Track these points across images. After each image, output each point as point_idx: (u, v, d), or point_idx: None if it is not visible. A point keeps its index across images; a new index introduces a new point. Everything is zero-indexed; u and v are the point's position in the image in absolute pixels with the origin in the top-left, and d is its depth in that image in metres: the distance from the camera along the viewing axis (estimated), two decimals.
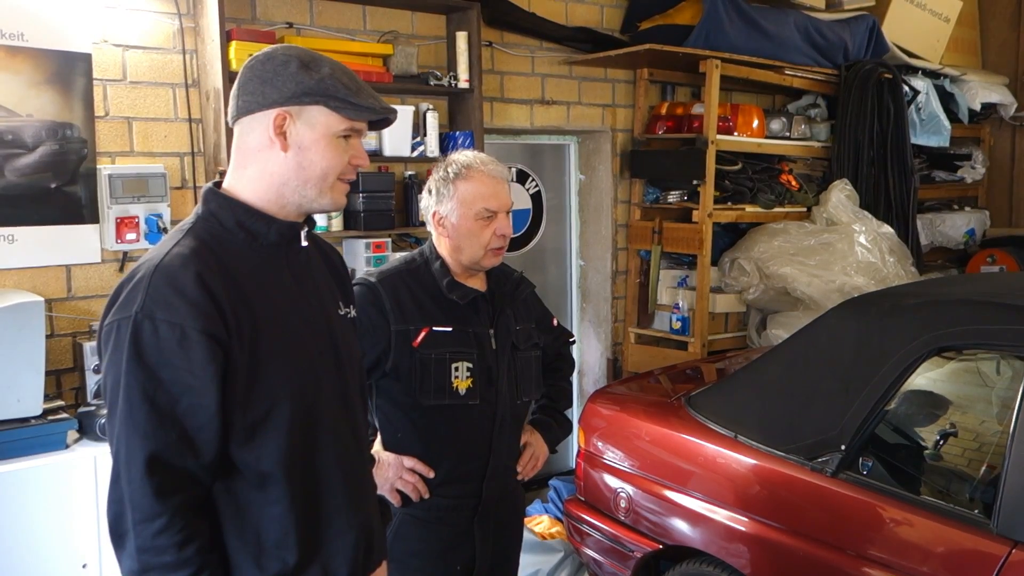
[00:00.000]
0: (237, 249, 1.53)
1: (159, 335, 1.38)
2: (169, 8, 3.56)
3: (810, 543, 2.42)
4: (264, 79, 1.53)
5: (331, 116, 1.54)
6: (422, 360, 2.17)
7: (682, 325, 4.94)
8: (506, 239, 2.24)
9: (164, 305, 1.39)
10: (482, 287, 2.30)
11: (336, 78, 1.55)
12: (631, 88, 5.15)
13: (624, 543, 2.98)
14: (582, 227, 5.32)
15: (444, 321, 2.21)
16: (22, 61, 3.20)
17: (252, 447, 1.47)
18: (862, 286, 4.59)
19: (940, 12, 6.01)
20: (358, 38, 4.05)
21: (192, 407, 1.40)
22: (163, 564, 1.38)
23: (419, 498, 2.22)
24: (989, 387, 2.81)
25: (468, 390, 2.19)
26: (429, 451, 2.22)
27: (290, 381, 1.51)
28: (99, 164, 3.40)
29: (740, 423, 2.77)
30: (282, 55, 1.55)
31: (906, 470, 2.54)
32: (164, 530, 1.37)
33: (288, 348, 1.52)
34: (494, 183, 2.22)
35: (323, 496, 1.57)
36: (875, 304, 2.78)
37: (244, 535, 1.49)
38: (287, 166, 1.54)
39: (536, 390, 2.41)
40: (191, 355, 1.39)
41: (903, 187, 5.50)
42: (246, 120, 1.55)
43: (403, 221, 4.14)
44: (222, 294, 1.43)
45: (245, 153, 1.56)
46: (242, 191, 1.56)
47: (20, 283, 3.27)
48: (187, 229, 1.53)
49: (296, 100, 1.52)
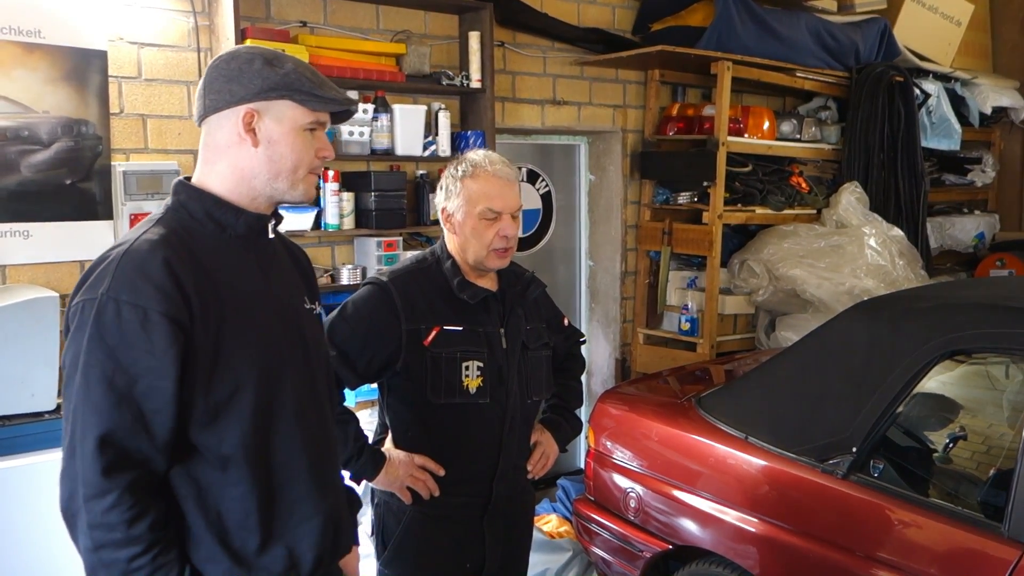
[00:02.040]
0: (205, 239, 1.57)
1: (122, 317, 1.41)
2: (184, 6, 3.58)
3: (820, 545, 2.43)
4: (229, 77, 1.56)
5: (297, 109, 1.59)
6: (433, 359, 2.18)
7: (691, 326, 4.94)
8: (510, 240, 2.23)
9: (130, 288, 1.43)
10: (493, 287, 2.30)
11: (300, 72, 1.59)
12: (642, 89, 5.15)
13: (633, 543, 2.99)
14: (592, 227, 5.33)
15: (455, 320, 2.21)
16: (39, 58, 3.22)
17: (215, 430, 1.50)
18: (872, 289, 4.59)
19: (951, 15, 6.01)
20: (371, 37, 4.06)
21: (150, 389, 1.43)
22: (113, 541, 1.40)
23: (429, 496, 2.24)
24: (1000, 391, 2.81)
25: (478, 389, 2.20)
26: (439, 449, 2.24)
27: (254, 367, 1.54)
28: (114, 161, 3.42)
29: (751, 424, 2.77)
30: (245, 54, 1.59)
31: (917, 473, 2.55)
32: (114, 507, 1.39)
33: (253, 335, 1.55)
34: (500, 184, 2.22)
35: (287, 481, 1.60)
36: (887, 307, 2.79)
37: (207, 516, 1.52)
38: (257, 160, 1.58)
39: (546, 390, 2.42)
40: (153, 337, 1.42)
41: (913, 190, 5.49)
42: (214, 118, 1.58)
43: (414, 220, 4.15)
44: (188, 280, 1.47)
45: (214, 150, 1.60)
46: (212, 185, 1.60)
47: (35, 278, 3.29)
48: (157, 219, 1.57)
49: (263, 95, 1.56)
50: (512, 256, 2.29)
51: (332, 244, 4.04)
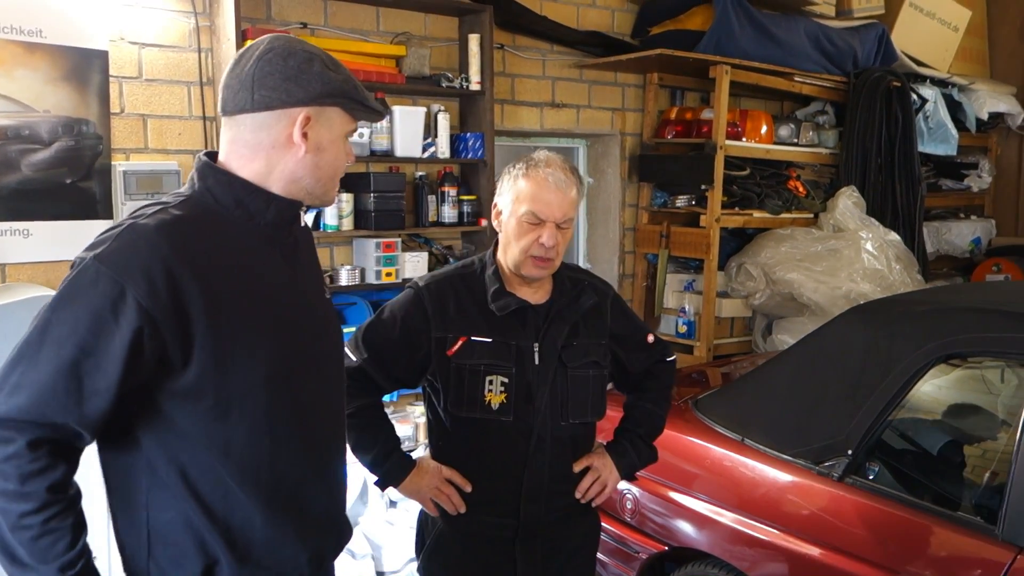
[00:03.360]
0: (229, 227, 1.50)
1: (98, 286, 1.35)
2: (185, 7, 3.59)
3: (815, 547, 2.44)
4: (287, 75, 1.47)
5: (344, 117, 1.54)
6: (457, 370, 2.08)
7: (688, 329, 4.96)
8: (551, 251, 2.06)
9: (118, 261, 1.36)
10: (543, 297, 2.16)
11: (352, 80, 1.54)
12: (641, 92, 5.17)
13: (629, 544, 3.00)
14: (590, 230, 5.35)
15: (486, 331, 2.10)
16: (40, 58, 3.23)
17: (227, 423, 1.45)
18: (868, 293, 4.61)
19: (949, 21, 6.03)
20: (371, 39, 4.07)
21: (96, 368, 1.36)
22: (5, 491, 1.34)
23: (455, 511, 2.14)
24: (994, 395, 2.83)
25: (501, 405, 2.07)
26: (463, 463, 2.14)
27: (272, 361, 1.49)
28: (114, 160, 3.43)
29: (747, 427, 2.78)
30: (302, 51, 1.50)
31: (912, 476, 2.56)
32: (11, 457, 1.34)
33: (272, 327, 1.50)
34: (550, 191, 2.07)
35: (297, 477, 1.56)
36: (883, 311, 2.80)
37: (211, 512, 1.47)
38: (303, 164, 1.52)
39: (592, 413, 2.20)
40: (119, 319, 1.35)
41: (910, 195, 5.52)
42: (261, 115, 1.48)
43: (413, 221, 4.16)
44: (187, 273, 1.39)
45: (254, 147, 1.50)
46: (244, 175, 1.52)
47: (34, 277, 3.30)
48: (180, 200, 1.49)
49: (320, 100, 1.49)
50: (553, 267, 2.11)
51: (331, 245, 4.05)
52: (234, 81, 1.50)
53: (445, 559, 2.19)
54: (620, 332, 2.29)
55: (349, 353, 2.11)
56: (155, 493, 1.47)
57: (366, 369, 2.11)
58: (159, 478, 1.47)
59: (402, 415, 4.22)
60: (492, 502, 2.13)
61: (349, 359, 2.09)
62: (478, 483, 2.13)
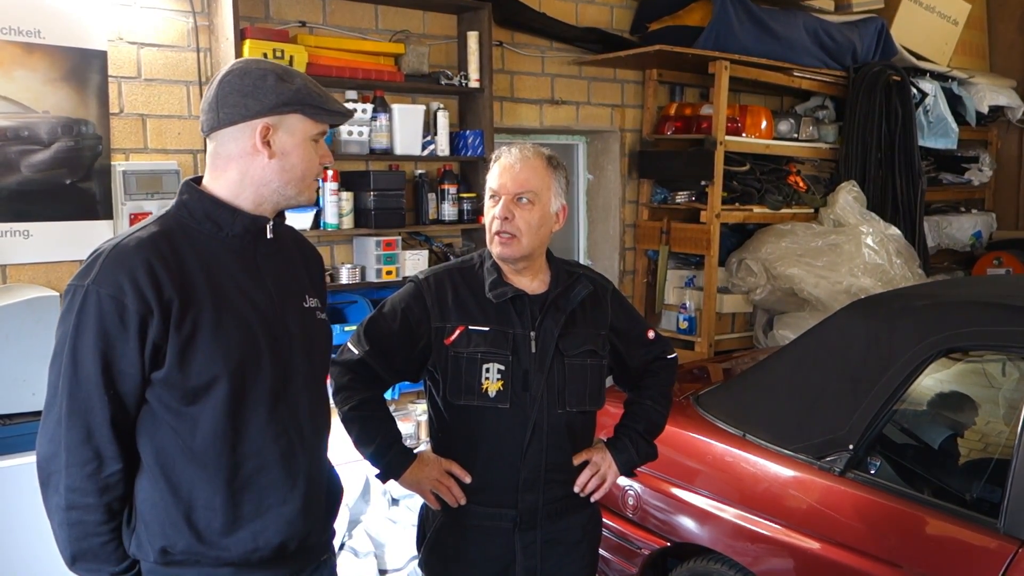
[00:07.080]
0: (201, 238, 1.67)
1: (103, 307, 1.55)
2: (184, 7, 3.59)
3: (817, 541, 2.44)
4: (244, 92, 1.65)
5: (307, 122, 1.69)
6: (455, 358, 2.12)
7: (689, 325, 4.96)
8: (507, 224, 2.08)
9: (111, 281, 1.56)
10: (542, 287, 2.18)
11: (308, 88, 1.69)
12: (640, 89, 5.17)
13: (631, 540, 3.00)
14: (590, 227, 5.35)
15: (483, 321, 2.13)
16: (39, 58, 3.23)
17: (189, 415, 1.62)
18: (869, 287, 4.61)
19: (949, 15, 6.03)
20: (370, 37, 4.07)
21: (122, 373, 1.58)
22: (85, 504, 1.58)
23: (455, 503, 2.15)
24: (995, 388, 2.83)
25: (498, 393, 2.10)
26: (462, 453, 2.16)
27: (230, 359, 1.63)
28: (113, 160, 3.43)
29: (748, 422, 2.79)
30: (256, 69, 1.68)
31: (913, 470, 2.56)
32: (92, 475, 1.57)
33: (231, 330, 1.64)
34: (505, 166, 2.13)
35: (256, 470, 1.67)
36: (884, 305, 2.80)
37: (176, 491, 1.63)
38: (271, 170, 1.68)
39: (590, 401, 2.21)
40: (128, 329, 1.55)
41: (910, 189, 5.51)
42: (228, 131, 1.67)
43: (413, 219, 4.17)
44: (167, 278, 1.58)
45: (226, 159, 1.69)
46: (218, 190, 1.70)
47: (35, 278, 3.30)
48: (158, 217, 1.69)
49: (277, 110, 1.66)
50: (520, 246, 2.10)
51: (331, 243, 4.05)
52: (206, 105, 1.70)
53: (445, 552, 2.20)
54: (620, 326, 2.31)
55: (351, 347, 2.17)
56: (141, 474, 1.65)
57: (368, 361, 2.14)
58: (144, 461, 1.65)
59: (404, 413, 4.22)
60: (491, 490, 2.15)
61: (351, 353, 2.16)
62: (477, 472, 2.15)
